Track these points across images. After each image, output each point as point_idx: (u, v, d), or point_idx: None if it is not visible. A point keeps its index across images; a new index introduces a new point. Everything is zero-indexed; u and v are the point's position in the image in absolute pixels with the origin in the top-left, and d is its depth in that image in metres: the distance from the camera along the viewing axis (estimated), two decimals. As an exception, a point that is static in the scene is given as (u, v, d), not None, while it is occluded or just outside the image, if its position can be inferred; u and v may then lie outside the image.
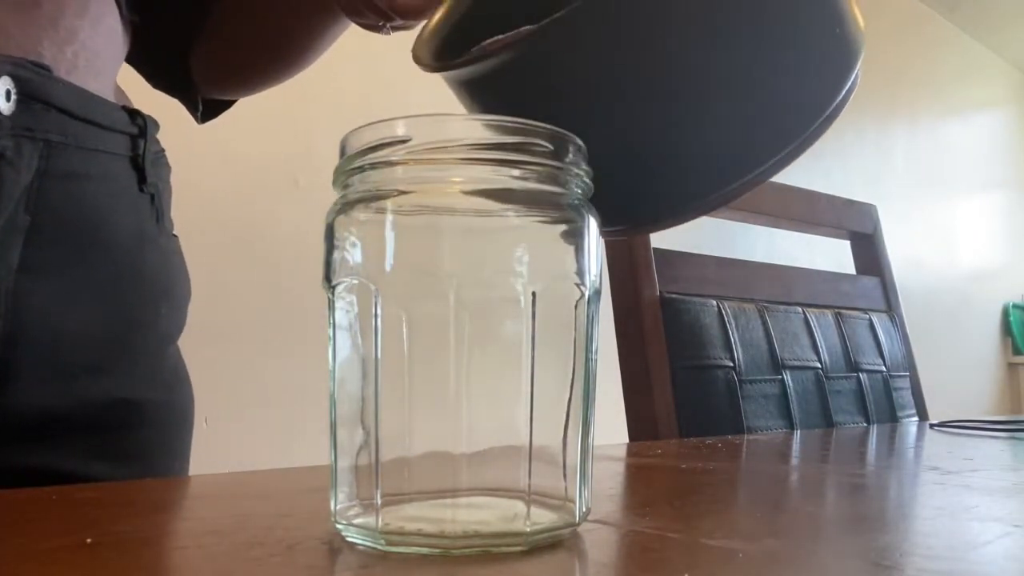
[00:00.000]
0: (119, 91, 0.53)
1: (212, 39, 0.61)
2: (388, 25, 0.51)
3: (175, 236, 0.55)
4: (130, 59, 0.59)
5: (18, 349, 0.42)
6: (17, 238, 0.42)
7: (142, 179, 0.50)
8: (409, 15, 0.49)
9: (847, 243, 1.17)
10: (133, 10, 0.51)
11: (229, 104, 0.66)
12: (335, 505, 0.27)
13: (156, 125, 0.51)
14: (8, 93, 0.41)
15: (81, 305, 0.45)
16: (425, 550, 0.24)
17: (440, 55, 0.40)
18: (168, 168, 0.54)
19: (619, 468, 0.48)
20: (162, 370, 0.51)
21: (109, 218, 0.47)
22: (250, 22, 0.60)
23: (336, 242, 0.27)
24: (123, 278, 0.48)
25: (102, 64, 0.49)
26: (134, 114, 0.49)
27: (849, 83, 0.36)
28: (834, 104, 0.36)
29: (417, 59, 0.39)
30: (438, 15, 0.41)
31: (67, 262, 0.44)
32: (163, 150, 0.53)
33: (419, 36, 0.40)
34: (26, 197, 0.42)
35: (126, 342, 0.48)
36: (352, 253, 0.26)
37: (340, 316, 0.27)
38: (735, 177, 0.35)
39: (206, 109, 0.64)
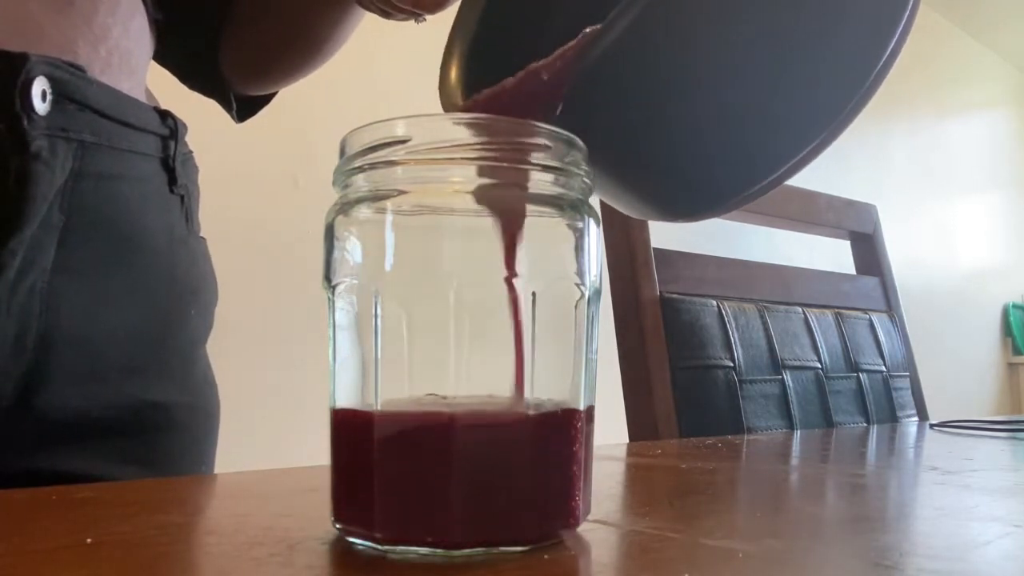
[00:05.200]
0: (148, 93, 0.53)
1: (237, 34, 0.61)
2: (422, 16, 0.51)
3: (203, 238, 0.55)
4: (162, 60, 0.59)
5: (52, 351, 0.42)
6: (51, 238, 0.42)
7: (173, 180, 0.50)
8: (435, 8, 0.49)
9: (847, 243, 1.17)
10: (158, 8, 0.52)
11: (265, 102, 0.66)
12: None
13: (185, 127, 0.51)
14: (44, 94, 0.41)
15: (114, 306, 0.45)
16: (425, 549, 0.24)
17: (471, 90, 0.39)
18: (196, 169, 0.54)
19: (619, 468, 0.48)
20: (192, 373, 0.51)
21: (141, 219, 0.47)
22: (272, 15, 0.60)
23: (336, 242, 0.27)
24: (155, 279, 0.48)
25: (134, 63, 0.49)
26: (165, 115, 0.50)
27: (901, 25, 0.32)
28: (889, 49, 0.33)
29: (450, 106, 0.37)
30: (453, 63, 0.40)
31: (100, 263, 0.44)
32: (192, 152, 0.53)
33: (441, 87, 0.39)
34: (60, 197, 0.42)
35: (158, 344, 0.48)
36: (352, 253, 0.26)
37: (340, 316, 0.27)
38: (792, 153, 0.34)
39: (242, 107, 0.64)
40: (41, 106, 0.41)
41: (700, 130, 0.33)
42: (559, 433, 0.26)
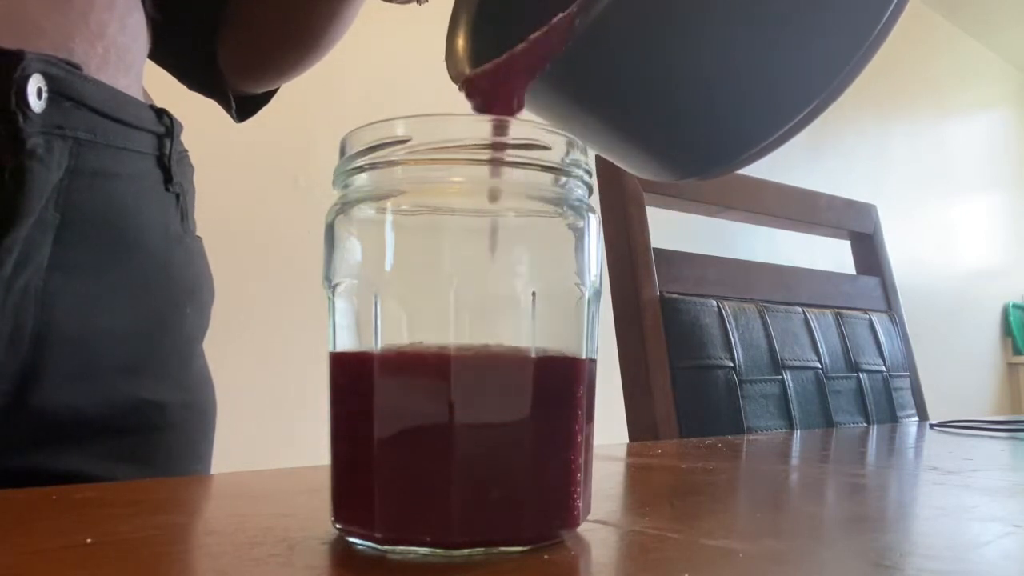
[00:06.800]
0: (143, 91, 0.53)
1: (233, 31, 0.61)
2: None
3: (199, 237, 0.55)
4: (160, 60, 0.59)
5: (47, 349, 0.42)
6: (47, 236, 0.42)
7: (168, 178, 0.50)
8: None
9: (847, 243, 1.17)
10: (156, 7, 0.52)
11: (265, 101, 0.66)
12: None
13: (181, 125, 0.51)
14: (39, 91, 0.41)
15: (110, 304, 0.45)
16: (425, 549, 0.24)
17: (478, 58, 0.39)
18: (191, 168, 0.54)
19: (619, 468, 0.48)
20: (188, 371, 0.51)
21: (137, 217, 0.47)
22: (270, 9, 0.60)
23: (336, 242, 0.27)
24: (151, 278, 0.48)
25: (131, 60, 0.49)
26: (161, 113, 0.50)
27: None
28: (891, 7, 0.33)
29: (457, 76, 0.37)
30: (459, 31, 0.40)
31: (96, 261, 0.44)
32: (187, 151, 0.53)
33: (448, 56, 0.39)
34: (56, 195, 0.42)
35: (154, 343, 0.48)
36: (352, 253, 0.26)
37: (340, 316, 0.27)
38: (803, 104, 0.34)
39: (242, 107, 0.64)
40: (37, 104, 0.40)
41: (707, 83, 0.33)
42: (560, 390, 0.26)
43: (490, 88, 0.33)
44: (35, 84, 0.40)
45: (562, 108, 0.32)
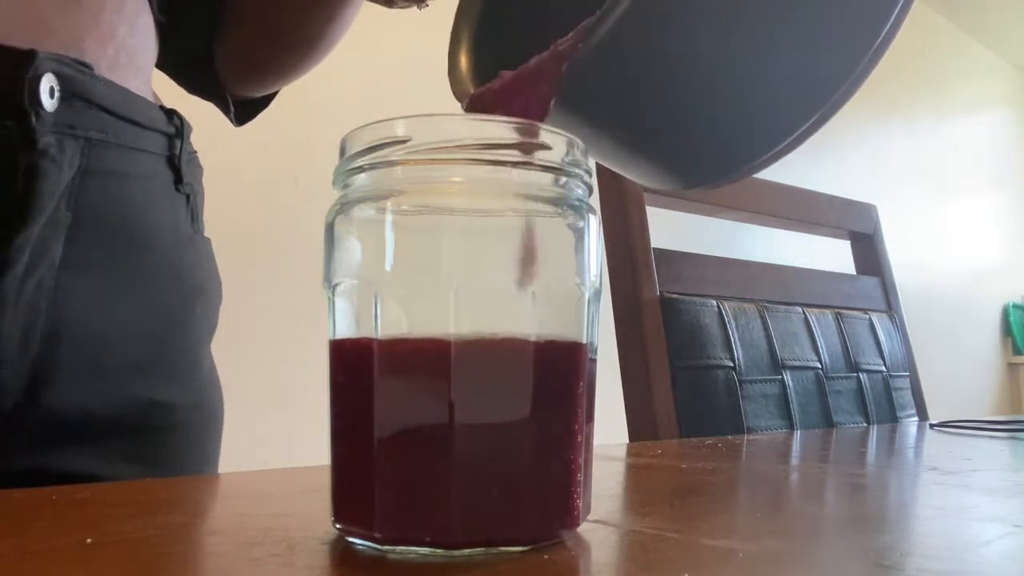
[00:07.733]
0: (153, 94, 0.54)
1: (232, 34, 0.61)
2: (425, 2, 0.51)
3: (207, 238, 0.55)
4: (161, 64, 0.59)
5: (58, 347, 0.42)
6: (59, 235, 0.42)
7: (178, 179, 0.50)
8: None
9: (847, 243, 1.17)
10: (161, 10, 0.52)
11: (264, 104, 0.66)
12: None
13: (190, 126, 0.51)
14: (52, 90, 0.41)
15: (121, 304, 0.45)
16: (425, 549, 0.24)
17: (481, 75, 0.39)
18: (200, 169, 0.54)
19: (619, 468, 0.48)
20: (197, 372, 0.51)
21: (148, 217, 0.47)
22: (269, 11, 0.60)
23: (336, 242, 0.27)
24: (161, 278, 0.48)
25: (140, 61, 0.49)
26: (171, 114, 0.50)
27: None
28: (898, 6, 0.33)
29: (462, 95, 0.37)
30: (461, 49, 0.40)
31: (107, 260, 0.44)
32: (196, 152, 0.53)
33: (451, 74, 0.39)
34: (67, 194, 0.42)
35: (164, 343, 0.48)
36: (352, 253, 0.26)
37: (340, 316, 0.27)
38: (807, 115, 0.34)
39: (241, 111, 0.64)
40: (49, 103, 0.41)
41: (711, 97, 0.33)
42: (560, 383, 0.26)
43: (495, 106, 0.33)
44: (47, 83, 0.41)
45: (564, 119, 0.32)
